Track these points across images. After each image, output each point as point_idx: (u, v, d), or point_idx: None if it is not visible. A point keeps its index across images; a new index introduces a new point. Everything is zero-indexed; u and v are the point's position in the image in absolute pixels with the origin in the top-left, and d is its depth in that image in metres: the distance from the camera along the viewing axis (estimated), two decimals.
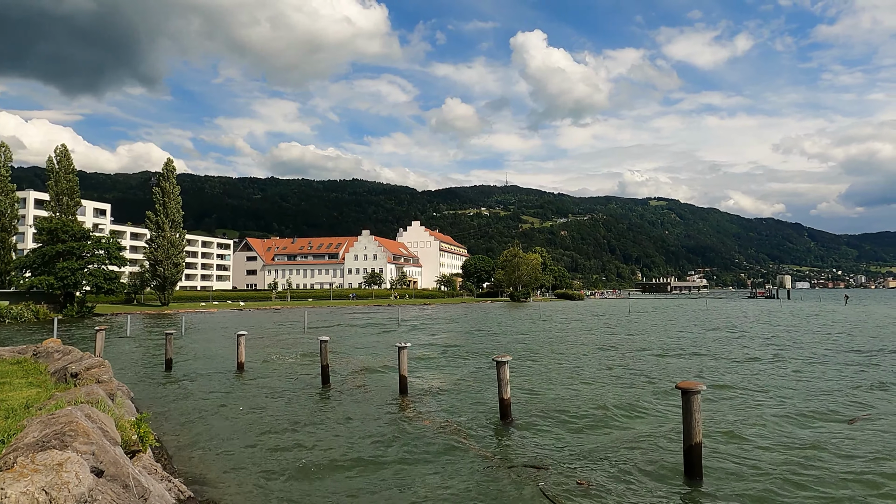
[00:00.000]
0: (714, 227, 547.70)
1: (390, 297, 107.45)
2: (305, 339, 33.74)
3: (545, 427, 12.66)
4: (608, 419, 13.39)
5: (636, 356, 25.09)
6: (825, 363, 22.35)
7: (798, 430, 12.24)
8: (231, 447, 11.34)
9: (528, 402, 15.11)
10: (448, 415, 13.95)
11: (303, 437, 12.07)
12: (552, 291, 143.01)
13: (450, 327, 44.75)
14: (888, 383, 17.56)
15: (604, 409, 14.47)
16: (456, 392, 16.92)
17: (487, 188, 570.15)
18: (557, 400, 15.55)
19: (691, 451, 9.29)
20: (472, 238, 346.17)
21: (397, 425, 12.94)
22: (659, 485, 9.10)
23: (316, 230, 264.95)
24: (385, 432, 12.32)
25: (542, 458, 10.39)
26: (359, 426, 12.91)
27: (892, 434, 11.76)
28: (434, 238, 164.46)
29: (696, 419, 9.09)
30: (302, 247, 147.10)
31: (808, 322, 48.15)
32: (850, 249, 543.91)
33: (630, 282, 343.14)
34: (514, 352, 26.50)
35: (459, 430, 12.41)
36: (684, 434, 9.30)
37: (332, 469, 10.00)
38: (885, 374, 19.56)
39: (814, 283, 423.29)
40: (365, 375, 20.05)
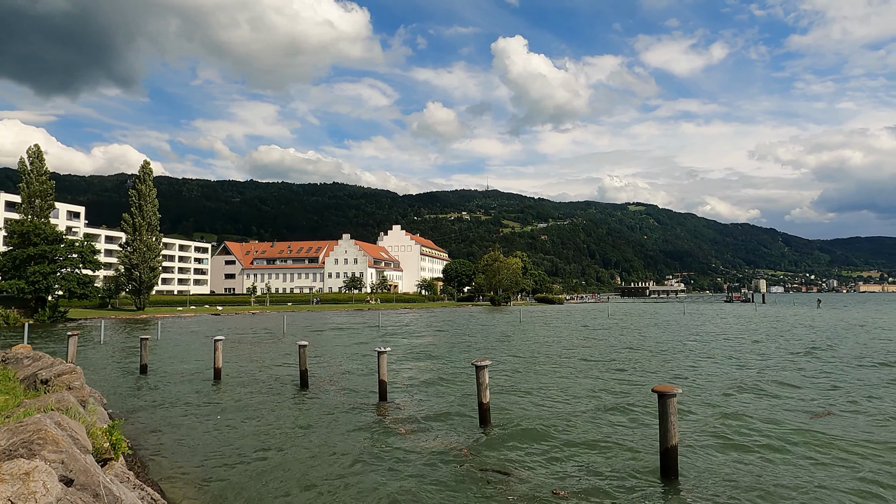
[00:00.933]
0: (691, 233, 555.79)
1: (370, 301, 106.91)
2: (284, 344, 33.42)
3: (524, 431, 12.69)
4: (587, 422, 13.48)
5: (614, 360, 25.30)
6: (797, 364, 22.80)
7: (769, 428, 12.45)
8: (207, 455, 11.18)
9: (508, 406, 15.14)
10: (427, 419, 13.92)
11: (281, 444, 11.95)
12: (533, 296, 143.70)
13: (430, 331, 44.69)
14: (849, 382, 17.98)
15: (582, 412, 14.57)
16: (435, 396, 16.90)
17: (468, 192, 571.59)
18: (537, 404, 15.61)
19: (668, 454, 9.40)
20: (453, 242, 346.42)
21: (376, 431, 12.87)
22: (636, 489, 9.19)
23: (296, 234, 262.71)
24: (364, 438, 12.25)
25: (521, 464, 10.43)
26: (337, 431, 12.82)
27: (851, 429, 12.04)
28: (415, 242, 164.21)
29: (671, 422, 9.21)
30: (281, 251, 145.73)
31: (783, 326, 49.03)
32: (822, 254, 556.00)
33: (609, 286, 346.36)
34: (494, 356, 26.56)
35: (438, 436, 12.39)
36: (661, 437, 9.41)
37: (308, 479, 9.91)
38: (850, 374, 20.02)
39: (788, 287, 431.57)
40: (344, 380, 19.92)
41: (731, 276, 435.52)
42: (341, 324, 55.18)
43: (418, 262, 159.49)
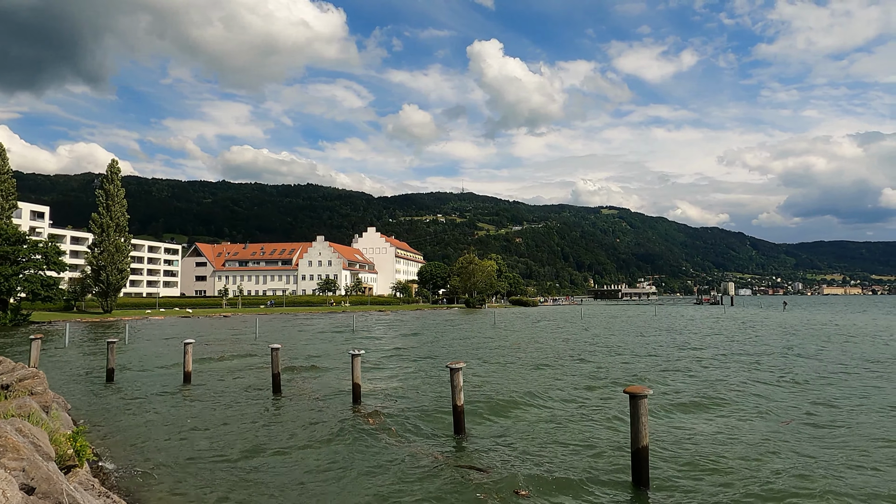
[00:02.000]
0: (662, 236, 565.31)
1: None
2: (257, 347, 32.97)
3: (497, 433, 12.76)
4: (560, 423, 13.60)
5: (588, 361, 25.59)
6: (765, 366, 23.37)
7: (738, 430, 12.73)
8: (175, 461, 10.96)
9: (482, 408, 15.19)
10: (401, 421, 13.88)
11: (252, 449, 11.78)
12: (507, 298, 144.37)
13: (404, 334, 44.57)
14: (817, 384, 18.53)
15: (556, 413, 14.71)
16: (409, 399, 16.86)
17: (444, 195, 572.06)
18: (510, 405, 15.69)
19: (638, 455, 9.52)
20: (429, 245, 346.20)
21: (350, 434, 12.79)
22: (605, 488, 9.31)
23: (269, 236, 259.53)
24: (337, 441, 12.16)
25: (490, 465, 10.47)
26: (311, 435, 12.69)
27: (822, 432, 12.39)
28: (390, 244, 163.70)
29: (642, 423, 9.33)
30: (254, 252, 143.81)
31: (753, 328, 50.18)
32: (788, 258, 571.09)
33: (583, 288, 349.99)
34: (469, 358, 26.61)
35: (412, 437, 12.37)
36: (632, 438, 9.53)
37: (280, 483, 9.79)
38: (818, 376, 20.62)
39: (755, 289, 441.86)
40: (318, 383, 19.74)
41: (700, 279, 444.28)
42: (315, 326, 54.68)
43: (393, 265, 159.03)
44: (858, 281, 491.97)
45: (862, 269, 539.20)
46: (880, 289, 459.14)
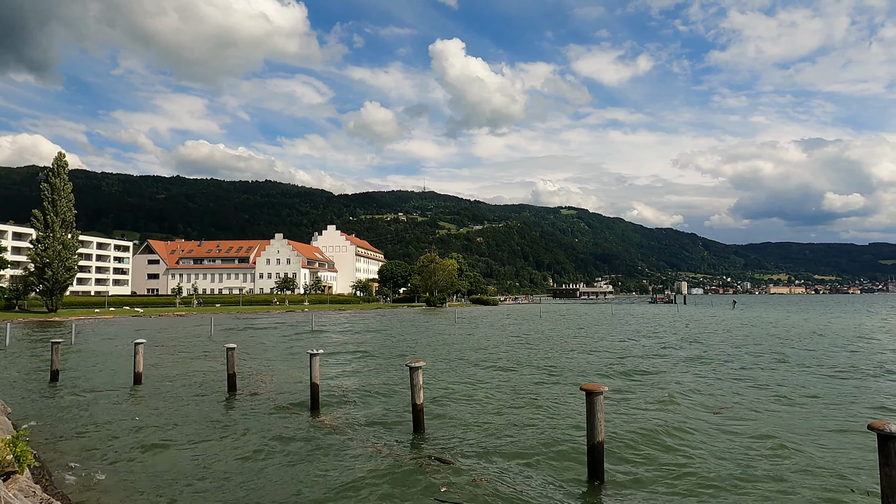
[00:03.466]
0: (619, 236, 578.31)
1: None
2: (212, 347, 32.17)
3: (457, 431, 12.80)
4: (519, 419, 13.74)
5: (546, 359, 25.94)
6: (711, 360, 24.19)
7: (684, 421, 13.13)
8: (123, 466, 10.58)
9: (442, 406, 15.22)
10: (361, 420, 13.78)
11: (205, 451, 11.48)
12: (468, 297, 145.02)
13: (364, 333, 44.27)
14: (753, 378, 19.31)
15: (515, 409, 14.85)
16: (369, 397, 16.74)
17: (405, 194, 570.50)
18: (471, 402, 15.77)
19: (594, 450, 9.71)
20: (389, 243, 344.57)
21: (309, 433, 12.61)
22: (559, 482, 9.48)
23: (225, 233, 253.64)
24: (296, 441, 11.97)
25: (449, 459, 10.49)
26: (268, 435, 12.45)
27: (752, 422, 12.90)
28: (350, 243, 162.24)
29: (598, 419, 9.52)
30: (210, 250, 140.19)
31: (703, 326, 51.84)
32: (738, 258, 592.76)
33: (542, 287, 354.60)
34: (429, 357, 26.62)
35: (371, 436, 12.29)
36: (588, 433, 9.70)
37: (234, 486, 9.58)
38: (756, 371, 21.48)
39: (707, 289, 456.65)
40: (275, 383, 19.39)
41: (655, 279, 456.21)
42: (273, 325, 53.72)
43: (353, 263, 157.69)
44: (802, 281, 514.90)
45: (806, 269, 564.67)
46: (822, 288, 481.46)
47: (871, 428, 6.19)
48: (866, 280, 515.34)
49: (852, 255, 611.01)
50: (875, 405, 15.35)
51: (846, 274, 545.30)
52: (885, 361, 24.38)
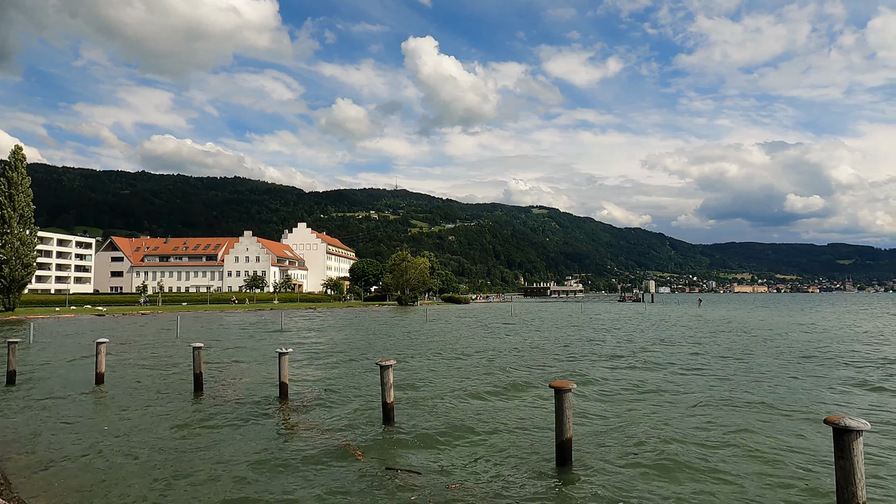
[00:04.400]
0: (589, 236, 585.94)
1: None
2: (178, 347, 31.49)
3: (428, 430, 12.78)
4: (490, 419, 13.79)
5: (516, 357, 26.11)
6: (680, 357, 24.70)
7: (653, 416, 13.38)
8: (84, 469, 10.28)
9: (412, 406, 15.19)
10: (331, 421, 13.66)
11: (169, 453, 11.23)
12: (440, 295, 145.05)
13: (335, 331, 43.89)
14: (723, 375, 19.82)
15: (485, 408, 14.91)
16: (339, 397, 16.60)
17: (377, 191, 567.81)
18: (441, 402, 15.77)
19: (563, 447, 9.83)
20: (361, 241, 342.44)
21: (278, 434, 12.45)
22: (530, 480, 9.53)
23: (193, 230, 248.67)
24: (264, 442, 11.80)
25: (422, 461, 10.49)
26: (235, 436, 12.25)
27: (722, 416, 13.23)
28: (321, 240, 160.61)
29: (567, 416, 9.63)
30: (176, 247, 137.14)
31: (670, 323, 52.88)
32: (703, 258, 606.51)
33: (513, 286, 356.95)
34: (400, 355, 26.56)
35: (341, 437, 12.19)
36: (556, 430, 9.81)
37: (200, 489, 9.39)
38: (722, 367, 22.02)
39: (673, 287, 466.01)
40: (243, 383, 19.08)
41: (624, 277, 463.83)
42: (241, 324, 52.87)
43: (324, 261, 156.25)
44: (765, 280, 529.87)
45: (768, 268, 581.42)
46: (783, 287, 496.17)
47: (827, 422, 6.39)
48: (825, 279, 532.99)
49: (812, 256, 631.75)
50: (831, 401, 15.88)
51: (806, 273, 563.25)
52: (840, 357, 25.24)
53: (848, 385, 18.39)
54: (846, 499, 6.25)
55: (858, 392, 17.25)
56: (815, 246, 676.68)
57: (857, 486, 6.20)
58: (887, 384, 18.40)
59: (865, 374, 20.51)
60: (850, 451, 6.20)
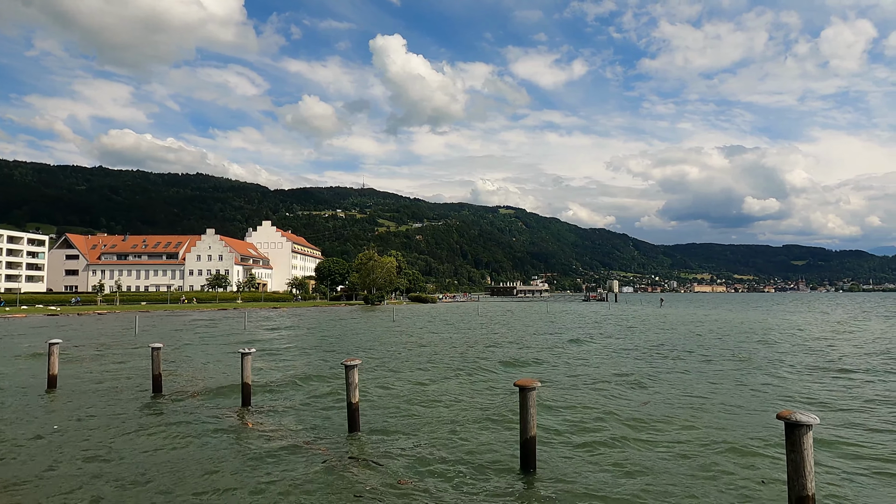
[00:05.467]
0: (555, 236, 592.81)
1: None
2: (136, 347, 30.60)
3: (392, 428, 12.75)
4: (453, 417, 13.82)
5: (482, 356, 26.23)
6: (640, 355, 25.22)
7: (611, 415, 13.63)
8: (34, 476, 9.89)
9: (377, 405, 15.11)
10: (295, 421, 13.49)
11: (127, 457, 10.89)
12: (407, 295, 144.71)
13: (300, 332, 43.33)
14: (666, 371, 20.32)
15: (449, 406, 14.94)
16: (304, 398, 16.40)
17: (344, 190, 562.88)
18: (406, 401, 15.74)
19: (527, 444, 9.91)
20: (327, 240, 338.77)
21: (239, 436, 12.21)
22: (494, 477, 9.61)
23: (153, 227, 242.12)
24: (226, 444, 11.56)
25: (384, 460, 10.44)
26: (195, 438, 11.96)
27: (674, 410, 13.58)
28: (286, 239, 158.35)
29: (531, 414, 9.71)
30: (135, 245, 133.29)
31: (634, 322, 53.92)
32: (665, 258, 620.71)
33: (480, 285, 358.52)
34: (366, 355, 26.39)
35: (306, 437, 12.05)
36: (521, 428, 9.89)
37: (152, 490, 9.14)
38: (677, 364, 22.60)
39: (636, 287, 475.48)
40: (204, 385, 18.66)
41: (589, 277, 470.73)
42: (203, 324, 51.69)
43: (290, 260, 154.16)
44: (723, 280, 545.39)
45: (726, 269, 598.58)
46: (741, 287, 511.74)
47: (779, 417, 6.61)
48: (780, 279, 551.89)
49: (767, 256, 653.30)
50: (784, 395, 16.44)
51: (762, 274, 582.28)
52: (790, 355, 26.18)
53: (795, 380, 19.08)
54: (797, 490, 6.47)
55: (804, 387, 17.90)
56: (771, 247, 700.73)
57: (807, 479, 6.42)
58: (823, 380, 19.17)
59: (808, 371, 21.32)
60: (800, 444, 6.42)
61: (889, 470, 9.97)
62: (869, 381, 19.01)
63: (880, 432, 12.39)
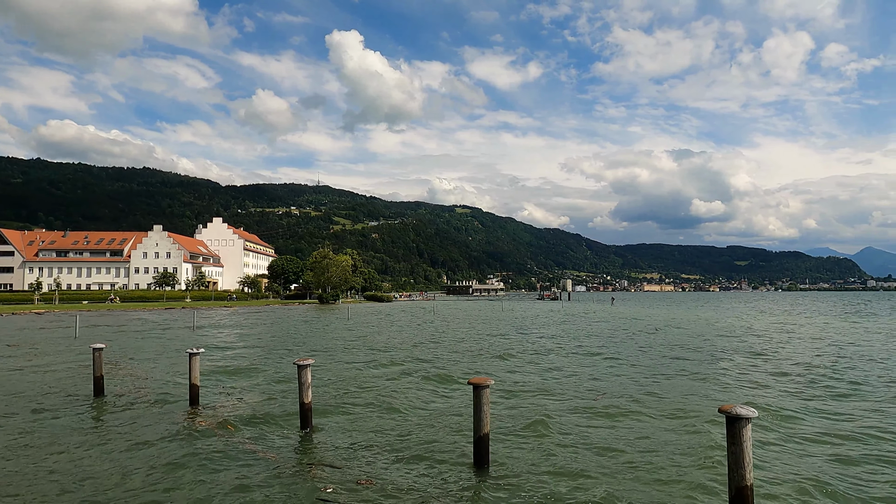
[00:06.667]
0: (511, 235, 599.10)
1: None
2: (76, 348, 29.28)
3: (346, 429, 12.64)
4: (408, 415, 13.82)
5: (436, 355, 26.30)
6: (591, 351, 25.81)
7: (563, 410, 13.91)
8: None
9: (331, 404, 14.94)
10: (245, 423, 13.18)
11: (61, 466, 10.41)
12: (362, 294, 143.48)
13: (251, 331, 42.38)
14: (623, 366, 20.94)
15: (404, 405, 14.91)
16: (255, 399, 16.06)
17: (298, 187, 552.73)
18: (361, 401, 15.62)
19: (480, 442, 9.99)
20: (281, 238, 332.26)
21: (188, 439, 11.84)
22: (448, 475, 9.66)
23: (96, 223, 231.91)
24: (172, 448, 11.19)
25: (338, 461, 10.34)
26: (137, 441, 11.54)
27: (625, 403, 14.00)
28: (238, 236, 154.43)
29: (484, 412, 9.80)
30: (76, 241, 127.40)
31: (587, 320, 55.08)
32: (617, 258, 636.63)
33: (437, 284, 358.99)
34: (320, 354, 26.05)
35: (256, 439, 11.80)
36: (474, 426, 9.96)
37: (94, 498, 8.78)
38: (630, 358, 23.26)
39: (589, 286, 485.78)
40: (149, 386, 18.02)
41: (543, 276, 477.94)
42: (148, 324, 49.90)
43: (241, 258, 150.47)
44: (671, 279, 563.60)
45: (674, 269, 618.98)
46: (688, 286, 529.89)
47: (721, 411, 6.88)
48: (724, 279, 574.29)
49: (713, 257, 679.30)
50: (726, 390, 17.13)
51: (708, 273, 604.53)
52: (734, 350, 27.30)
53: (733, 375, 19.91)
54: (736, 481, 6.75)
55: (741, 381, 18.71)
56: (716, 248, 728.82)
57: (746, 469, 6.71)
58: (753, 373, 20.12)
59: (749, 366, 22.31)
60: (740, 437, 6.69)
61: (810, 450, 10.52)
62: (810, 376, 20.02)
63: (805, 416, 13.07)
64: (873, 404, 15.27)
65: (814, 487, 9.05)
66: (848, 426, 12.86)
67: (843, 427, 12.77)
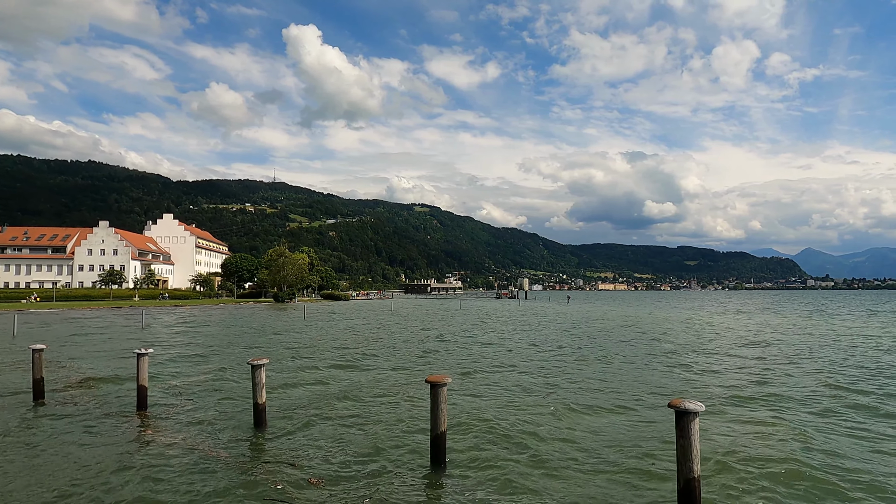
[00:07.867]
0: (469, 234, 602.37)
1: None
2: (14, 349, 27.86)
3: (302, 428, 12.46)
4: (365, 415, 13.72)
5: (393, 353, 26.22)
6: (545, 349, 26.23)
7: (517, 408, 14.09)
8: None
9: (286, 404, 14.71)
10: (196, 425, 12.82)
11: (5, 468, 9.91)
12: (319, 292, 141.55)
13: (203, 330, 41.25)
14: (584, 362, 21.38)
15: (361, 405, 14.81)
16: (207, 400, 15.64)
17: (253, 183, 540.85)
18: (316, 400, 15.43)
19: (437, 440, 10.02)
20: (235, 235, 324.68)
21: (135, 442, 11.44)
22: (404, 472, 9.65)
23: (36, 218, 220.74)
24: (118, 452, 10.79)
25: (294, 460, 10.19)
26: (80, 447, 11.07)
27: (580, 399, 14.30)
28: (190, 233, 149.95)
29: (442, 410, 9.82)
30: (15, 237, 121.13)
31: (543, 318, 55.87)
32: (572, 257, 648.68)
33: (395, 283, 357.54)
34: (274, 354, 25.59)
35: (208, 441, 11.49)
36: (431, 424, 9.98)
37: (24, 498, 8.40)
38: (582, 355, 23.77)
39: (545, 285, 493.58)
40: (94, 389, 17.32)
41: (501, 275, 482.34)
42: (95, 323, 47.93)
43: (193, 256, 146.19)
44: (625, 279, 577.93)
45: (628, 268, 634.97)
46: (640, 285, 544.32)
47: (671, 405, 7.10)
48: (675, 278, 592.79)
49: (664, 257, 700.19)
50: (676, 386, 17.70)
51: (659, 273, 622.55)
52: (681, 350, 28.24)
53: (682, 369, 20.61)
54: (684, 473, 6.99)
55: (687, 375, 19.37)
56: (667, 248, 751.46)
57: (694, 462, 6.95)
58: (696, 368, 20.91)
59: (693, 361, 23.13)
60: (688, 430, 6.93)
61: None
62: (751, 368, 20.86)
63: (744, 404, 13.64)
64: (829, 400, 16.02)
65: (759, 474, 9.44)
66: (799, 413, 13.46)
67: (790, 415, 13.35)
